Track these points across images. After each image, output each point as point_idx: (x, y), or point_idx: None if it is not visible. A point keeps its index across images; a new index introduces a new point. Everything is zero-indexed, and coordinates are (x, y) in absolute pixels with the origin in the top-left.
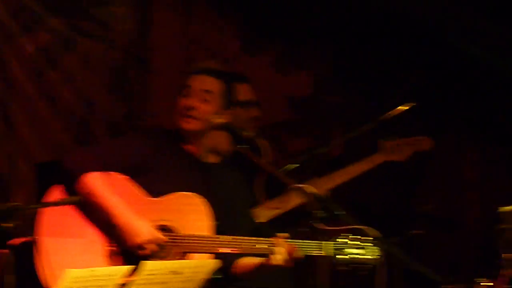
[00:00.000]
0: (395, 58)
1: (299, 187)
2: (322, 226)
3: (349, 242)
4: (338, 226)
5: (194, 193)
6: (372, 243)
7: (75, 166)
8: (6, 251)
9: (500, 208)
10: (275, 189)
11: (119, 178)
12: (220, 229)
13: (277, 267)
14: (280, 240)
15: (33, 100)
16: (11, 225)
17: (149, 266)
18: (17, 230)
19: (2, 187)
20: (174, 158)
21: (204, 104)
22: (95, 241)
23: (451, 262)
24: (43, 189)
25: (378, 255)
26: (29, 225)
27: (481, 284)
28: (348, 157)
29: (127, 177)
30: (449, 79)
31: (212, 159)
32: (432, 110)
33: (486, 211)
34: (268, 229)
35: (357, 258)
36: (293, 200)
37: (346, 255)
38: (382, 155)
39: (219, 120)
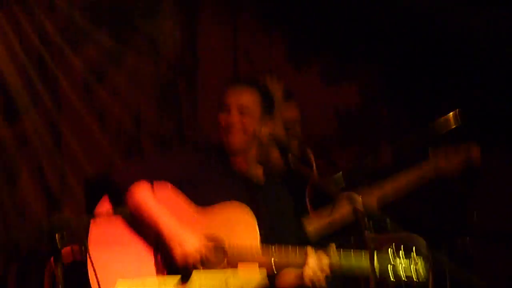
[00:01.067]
0: (442, 68)
1: (348, 195)
2: (370, 234)
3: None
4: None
5: (240, 203)
6: (422, 257)
7: (124, 178)
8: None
9: None
10: (324, 200)
11: (167, 190)
12: (266, 241)
13: (309, 280)
14: (309, 248)
15: (82, 116)
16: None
17: (199, 275)
18: (67, 241)
19: (53, 202)
20: (220, 173)
21: (243, 117)
22: (144, 251)
23: (502, 273)
24: (92, 204)
25: (425, 272)
26: (78, 238)
27: None
28: (397, 167)
29: (175, 188)
30: (497, 88)
31: (260, 173)
32: (483, 121)
33: None
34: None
35: (407, 274)
36: (342, 209)
37: (394, 270)
38: (431, 162)
39: (274, 133)
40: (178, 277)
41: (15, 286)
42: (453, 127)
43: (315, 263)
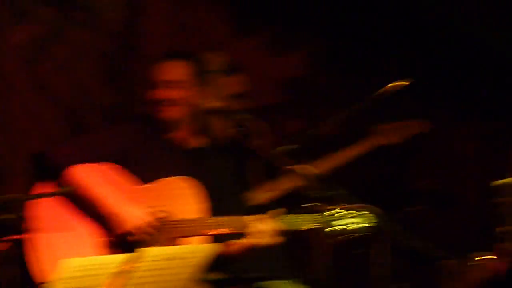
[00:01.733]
0: (386, 36)
1: (295, 168)
2: (320, 206)
3: (341, 213)
4: (335, 205)
5: (183, 177)
6: (365, 211)
7: (61, 160)
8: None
9: (494, 182)
10: (272, 172)
11: (106, 168)
12: (211, 212)
13: (256, 245)
14: (254, 217)
15: (25, 91)
16: (12, 216)
17: (146, 252)
18: (18, 221)
19: (1, 178)
20: (160, 147)
21: (170, 91)
22: (86, 233)
23: (448, 238)
24: (40, 180)
25: (372, 223)
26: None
27: (478, 258)
28: (342, 137)
29: (114, 166)
30: (441, 54)
31: (196, 143)
32: (424, 87)
33: (480, 185)
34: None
35: (351, 228)
36: (289, 182)
37: (338, 225)
38: (377, 138)
39: (213, 104)
40: (125, 255)
41: None
42: (396, 96)
43: (261, 230)
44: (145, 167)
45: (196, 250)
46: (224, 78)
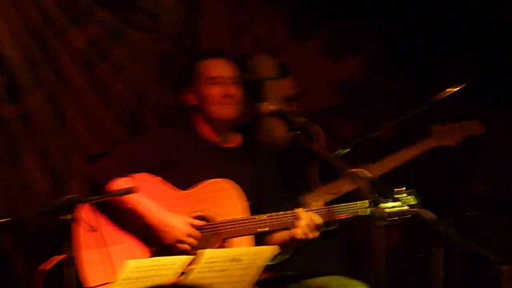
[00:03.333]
0: (444, 40)
1: (353, 172)
2: (378, 209)
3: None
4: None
5: (223, 179)
6: (406, 193)
7: (101, 176)
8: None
9: None
10: (329, 175)
11: (146, 178)
12: (252, 209)
13: (300, 240)
14: (299, 211)
15: (85, 93)
16: (69, 217)
17: (209, 254)
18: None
19: (57, 180)
20: (198, 151)
21: (238, 87)
22: (135, 246)
23: (506, 243)
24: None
25: (415, 204)
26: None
27: None
28: (400, 140)
29: (154, 175)
30: (498, 58)
31: (235, 141)
32: (483, 91)
33: None
34: None
35: (395, 211)
36: (347, 185)
37: (383, 209)
38: (433, 140)
39: (272, 107)
40: (188, 256)
41: (23, 265)
42: (455, 101)
43: (307, 224)
44: (186, 170)
45: (258, 252)
46: (276, 82)
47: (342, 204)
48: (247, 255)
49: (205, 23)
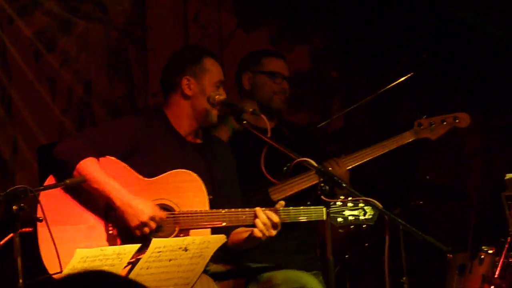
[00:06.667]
0: (392, 29)
1: (303, 160)
2: (325, 198)
3: (345, 204)
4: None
5: (189, 170)
6: (366, 204)
7: (69, 155)
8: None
9: (506, 175)
10: (277, 163)
11: (113, 162)
12: (214, 203)
13: (258, 239)
14: (257, 210)
15: (33, 83)
16: (16, 207)
17: (158, 243)
18: (24, 212)
19: (5, 171)
20: (165, 140)
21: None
22: (95, 226)
23: (454, 231)
24: (45, 172)
25: (373, 215)
26: (33, 208)
27: (485, 251)
28: (348, 130)
29: (120, 162)
30: (447, 48)
31: (198, 139)
32: (431, 80)
33: (487, 179)
34: None
35: (353, 219)
36: (307, 180)
37: (343, 217)
38: (412, 133)
39: (219, 97)
40: (136, 245)
41: None
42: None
43: (264, 223)
44: (151, 158)
45: (207, 241)
46: None
47: (301, 208)
48: (195, 244)
49: (152, 13)
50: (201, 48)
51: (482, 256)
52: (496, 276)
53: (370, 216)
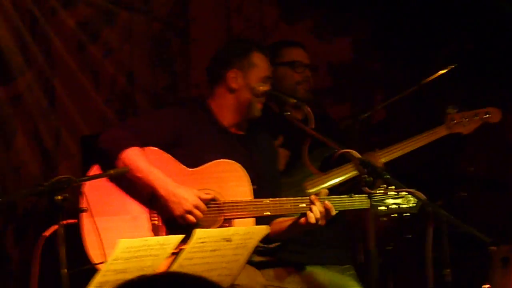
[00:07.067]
0: (435, 21)
1: (345, 152)
2: (368, 190)
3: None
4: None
5: (230, 160)
6: (408, 193)
7: (113, 144)
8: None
9: None
10: (319, 154)
11: (157, 152)
12: (257, 193)
13: (312, 226)
14: (313, 197)
15: (75, 74)
16: (60, 197)
17: (201, 234)
18: (68, 202)
19: (48, 161)
20: (208, 131)
21: None
22: (139, 216)
23: (496, 224)
24: (88, 162)
25: (416, 203)
26: (77, 198)
27: None
28: (391, 121)
29: (164, 152)
30: (490, 41)
31: (242, 130)
32: (474, 73)
33: None
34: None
35: (396, 208)
36: (345, 173)
37: (386, 206)
38: (445, 128)
39: (263, 88)
40: (180, 236)
41: (13, 245)
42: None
43: (321, 211)
44: (195, 149)
45: (250, 232)
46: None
47: (344, 196)
48: (238, 235)
49: (195, 5)
50: (251, 42)
51: None
52: None
53: (414, 205)
